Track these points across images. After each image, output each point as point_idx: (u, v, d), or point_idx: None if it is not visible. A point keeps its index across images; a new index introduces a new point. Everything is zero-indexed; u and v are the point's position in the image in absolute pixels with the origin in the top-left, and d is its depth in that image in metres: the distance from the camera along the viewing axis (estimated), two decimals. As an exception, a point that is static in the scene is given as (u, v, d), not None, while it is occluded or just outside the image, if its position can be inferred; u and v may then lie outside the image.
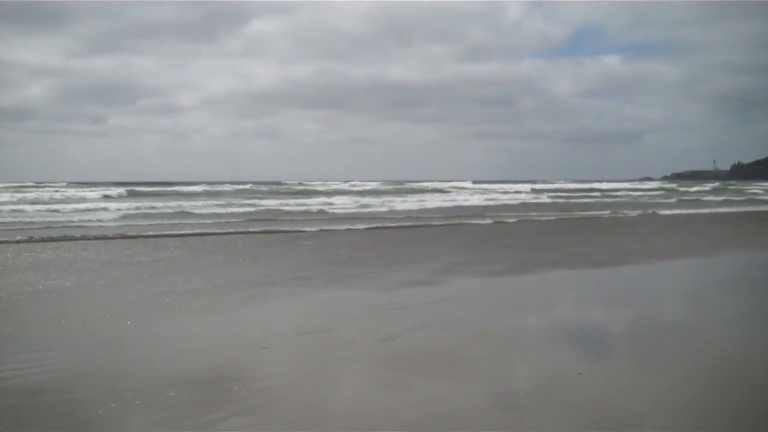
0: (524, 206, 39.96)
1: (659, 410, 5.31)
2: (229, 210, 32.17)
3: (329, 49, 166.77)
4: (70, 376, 6.23)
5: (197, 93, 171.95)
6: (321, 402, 5.53)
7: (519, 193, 57.74)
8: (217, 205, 35.16)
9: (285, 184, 72.96)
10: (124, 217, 27.59)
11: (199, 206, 33.85)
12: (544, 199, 50.84)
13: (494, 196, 52.75)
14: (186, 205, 34.72)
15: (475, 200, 47.45)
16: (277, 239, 19.39)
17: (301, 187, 64.32)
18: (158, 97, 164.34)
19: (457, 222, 26.51)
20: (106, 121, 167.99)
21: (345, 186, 67.44)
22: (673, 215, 32.40)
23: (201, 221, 25.81)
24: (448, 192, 59.97)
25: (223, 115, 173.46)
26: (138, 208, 31.83)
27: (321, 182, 78.24)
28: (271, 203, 37.89)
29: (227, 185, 62.44)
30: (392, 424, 5.07)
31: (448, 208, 37.27)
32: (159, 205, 34.08)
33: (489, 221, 26.71)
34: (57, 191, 47.85)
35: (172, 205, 34.29)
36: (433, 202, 43.56)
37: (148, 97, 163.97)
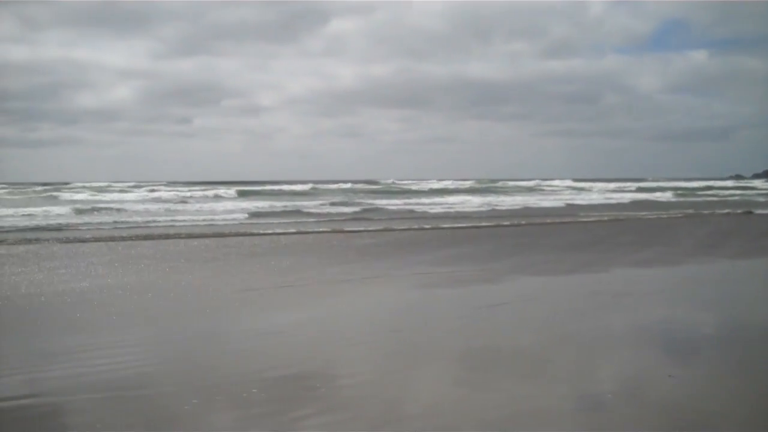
0: (666, 204, 39.50)
1: (754, 415, 5.10)
2: (341, 209, 32.49)
3: (408, 48, 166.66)
4: (157, 371, 6.28)
5: (279, 93, 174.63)
6: (403, 400, 5.44)
7: (623, 192, 56.03)
8: (332, 204, 35.53)
9: (379, 183, 72.99)
10: (254, 215, 28.39)
11: (310, 205, 33.92)
12: (669, 197, 49.77)
13: (606, 195, 51.25)
14: (298, 204, 34.94)
15: (596, 198, 46.54)
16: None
17: (396, 186, 64.19)
18: (241, 97, 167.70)
19: (622, 218, 26.63)
20: (192, 122, 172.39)
21: (440, 185, 66.96)
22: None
23: (321, 219, 26.50)
24: (548, 190, 58.64)
25: (304, 114, 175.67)
26: (259, 207, 32.57)
27: (413, 181, 77.86)
28: (381, 202, 37.96)
29: (329, 184, 62.91)
30: (474, 423, 4.95)
31: (580, 206, 37.05)
32: (277, 204, 34.81)
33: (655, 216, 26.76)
34: (172, 191, 49.18)
35: (286, 204, 34.82)
36: (547, 201, 42.27)
37: (231, 98, 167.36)
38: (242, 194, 46.44)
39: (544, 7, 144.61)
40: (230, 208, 31.60)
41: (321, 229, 21.65)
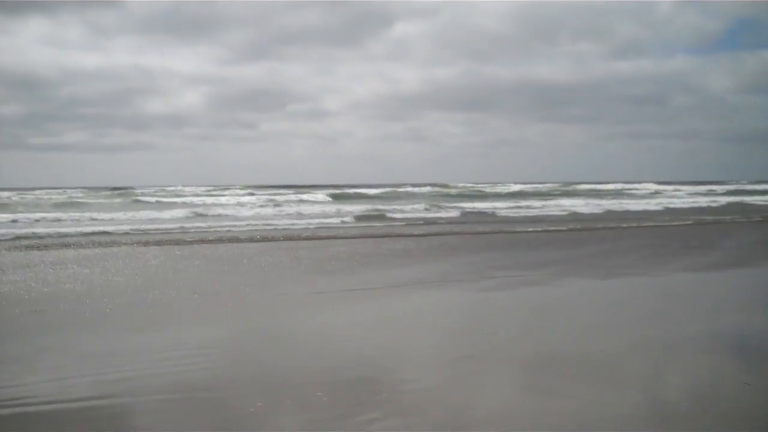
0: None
1: None
2: (438, 214, 32.50)
3: (473, 50, 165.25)
4: (224, 373, 6.30)
5: (344, 97, 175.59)
6: (471, 405, 5.35)
7: (712, 195, 54.75)
8: (425, 209, 35.53)
9: (448, 186, 72.87)
10: (358, 218, 28.91)
11: (398, 210, 33.96)
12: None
13: (694, 198, 50.22)
14: (389, 208, 35.13)
15: (685, 201, 45.50)
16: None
17: (471, 189, 64.06)
18: (307, 102, 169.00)
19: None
20: (258, 127, 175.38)
21: (516, 188, 66.48)
22: None
23: (428, 223, 26.84)
24: (635, 194, 57.57)
25: (369, 118, 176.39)
26: (353, 210, 32.86)
27: (486, 184, 77.53)
28: (479, 206, 38.02)
29: (397, 188, 63.14)
30: (543, 430, 4.86)
31: (679, 210, 36.71)
32: (369, 207, 35.32)
33: None
34: (263, 195, 50.03)
35: (377, 207, 35.27)
36: (637, 205, 41.27)
37: (297, 102, 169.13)
38: (335, 197, 47.17)
39: (611, 7, 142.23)
40: (331, 212, 32.25)
41: (455, 231, 21.99)
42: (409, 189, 60.30)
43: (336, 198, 46.85)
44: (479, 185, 74.96)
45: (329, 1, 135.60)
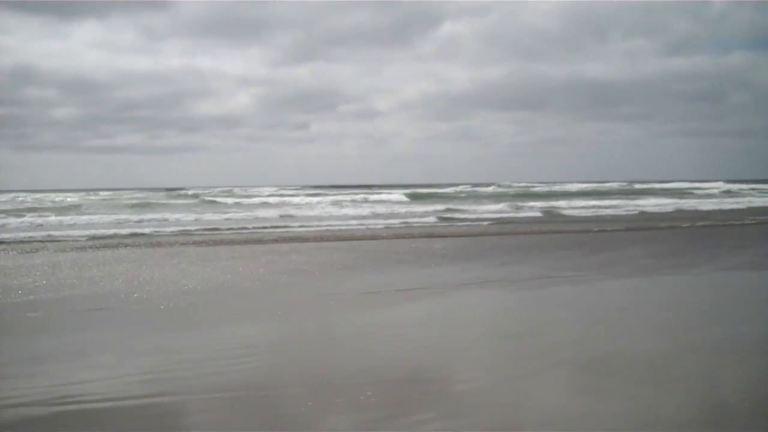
0: None
1: None
2: (521, 213, 32.21)
3: (523, 49, 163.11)
4: (277, 372, 6.35)
5: (394, 97, 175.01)
6: (522, 407, 5.31)
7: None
8: (507, 208, 35.24)
9: (507, 186, 72.15)
10: (442, 219, 28.71)
11: (477, 209, 33.73)
12: None
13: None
14: (461, 208, 34.92)
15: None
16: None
17: (531, 190, 63.27)
18: (357, 102, 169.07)
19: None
20: (309, 127, 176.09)
21: (575, 187, 65.44)
22: None
23: (517, 222, 26.79)
24: (702, 193, 56.07)
25: (419, 118, 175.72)
26: (435, 210, 32.98)
27: (544, 184, 76.49)
28: (555, 204, 37.64)
29: (446, 188, 62.67)
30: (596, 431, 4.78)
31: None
32: (449, 207, 35.12)
33: None
34: (337, 195, 50.12)
35: (458, 207, 35.08)
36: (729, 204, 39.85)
37: (347, 103, 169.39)
38: (413, 197, 47.13)
39: (663, 4, 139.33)
40: (418, 211, 32.23)
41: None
42: (477, 189, 59.81)
43: (413, 198, 46.75)
44: (536, 185, 73.90)
45: (378, 1, 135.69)
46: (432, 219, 28.38)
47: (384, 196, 47.07)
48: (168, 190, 70.18)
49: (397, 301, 9.86)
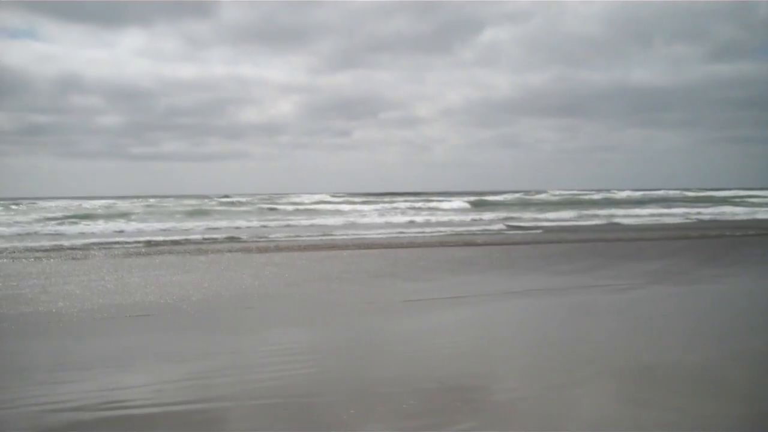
0: None
1: None
2: (589, 222, 31.45)
3: (565, 55, 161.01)
4: (320, 379, 6.29)
5: (435, 104, 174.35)
6: (565, 417, 5.21)
7: None
8: (577, 217, 34.63)
9: (559, 193, 70.46)
10: (512, 227, 28.45)
11: (545, 218, 33.31)
12: None
13: None
14: (528, 216, 34.73)
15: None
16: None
17: (586, 196, 61.59)
18: (398, 109, 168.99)
19: None
20: (351, 134, 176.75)
21: (621, 194, 63.92)
22: None
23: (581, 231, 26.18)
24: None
25: (461, 125, 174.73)
26: (500, 217, 32.95)
27: (592, 191, 74.53)
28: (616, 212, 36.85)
29: (495, 195, 61.59)
30: None
31: None
32: (511, 215, 35.08)
33: None
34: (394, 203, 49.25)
35: (503, 215, 34.90)
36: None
37: (388, 110, 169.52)
38: (475, 205, 46.67)
39: (707, 9, 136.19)
40: (484, 219, 32.20)
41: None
42: (527, 196, 58.71)
43: (476, 206, 46.26)
44: (588, 192, 72.16)
45: (418, 8, 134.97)
46: (499, 226, 27.96)
47: (444, 204, 46.24)
48: (217, 197, 70.00)
49: (444, 307, 9.83)
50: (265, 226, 28.42)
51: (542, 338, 7.95)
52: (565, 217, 34.22)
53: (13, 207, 45.61)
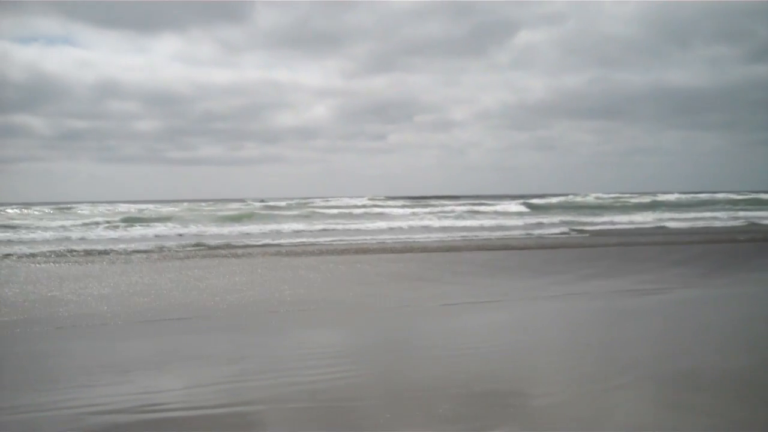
0: None
1: None
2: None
3: (602, 56, 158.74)
4: (356, 383, 6.27)
5: (470, 107, 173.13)
6: (605, 422, 5.13)
7: None
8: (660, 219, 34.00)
9: (585, 195, 69.34)
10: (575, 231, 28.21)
11: (597, 221, 32.98)
12: None
13: None
14: (576, 220, 33.99)
15: None
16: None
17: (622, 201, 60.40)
18: (433, 112, 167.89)
19: None
20: (387, 138, 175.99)
21: (670, 197, 62.50)
22: None
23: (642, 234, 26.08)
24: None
25: (496, 128, 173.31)
26: (555, 221, 32.42)
27: (635, 195, 72.98)
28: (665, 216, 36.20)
29: (535, 198, 60.75)
30: None
31: None
32: (564, 219, 34.26)
33: None
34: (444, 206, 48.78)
35: (564, 219, 34.28)
36: None
37: (424, 113, 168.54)
38: (533, 208, 46.17)
39: (746, 9, 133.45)
40: (545, 222, 31.87)
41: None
42: (574, 199, 57.83)
43: (533, 209, 45.65)
44: (625, 195, 70.70)
45: (452, 11, 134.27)
46: (560, 229, 27.67)
47: (499, 207, 45.61)
48: (253, 200, 69.90)
49: (486, 310, 9.89)
50: (325, 230, 28.20)
51: (582, 342, 7.90)
52: (639, 220, 33.54)
53: (56, 211, 45.66)
